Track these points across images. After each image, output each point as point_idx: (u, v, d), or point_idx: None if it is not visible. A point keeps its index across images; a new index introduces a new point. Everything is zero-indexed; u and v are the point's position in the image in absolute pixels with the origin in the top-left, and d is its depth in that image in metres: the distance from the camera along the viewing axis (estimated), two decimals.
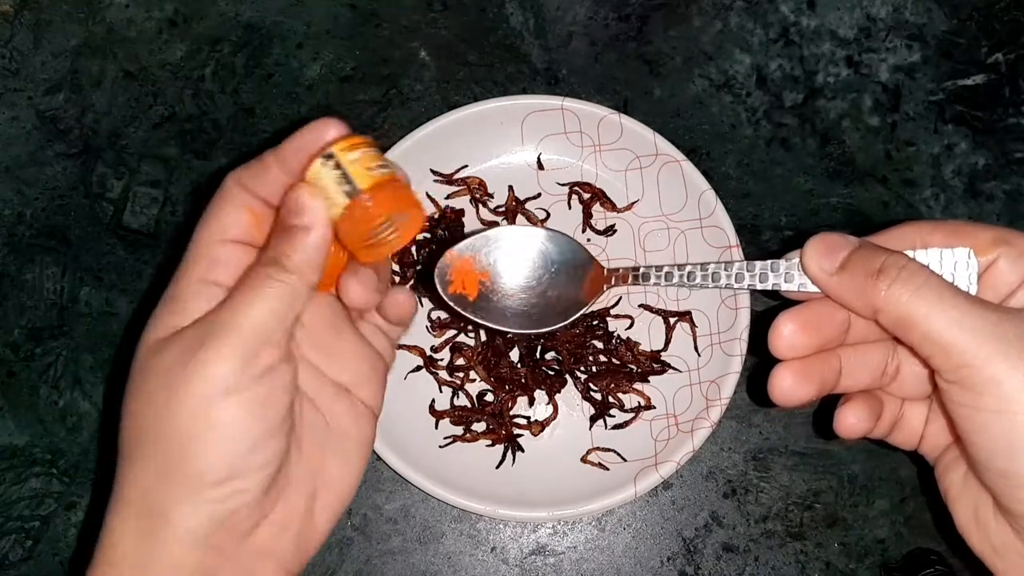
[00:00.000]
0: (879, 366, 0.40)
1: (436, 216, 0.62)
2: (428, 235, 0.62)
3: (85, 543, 0.60)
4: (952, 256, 0.37)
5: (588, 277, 0.47)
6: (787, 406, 0.38)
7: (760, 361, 0.61)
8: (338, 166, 0.34)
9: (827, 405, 0.41)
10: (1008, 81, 0.66)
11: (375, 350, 0.41)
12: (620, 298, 0.61)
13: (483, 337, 0.61)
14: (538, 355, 0.60)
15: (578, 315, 0.47)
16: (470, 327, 0.61)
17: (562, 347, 0.60)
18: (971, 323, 0.33)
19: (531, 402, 0.60)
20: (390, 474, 0.60)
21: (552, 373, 0.60)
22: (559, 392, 0.60)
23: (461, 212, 0.62)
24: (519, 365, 0.60)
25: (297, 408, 0.37)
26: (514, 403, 0.60)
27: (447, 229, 0.62)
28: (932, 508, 0.61)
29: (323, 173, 0.35)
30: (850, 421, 0.39)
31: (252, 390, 0.33)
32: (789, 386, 0.37)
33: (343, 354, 0.39)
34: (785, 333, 0.37)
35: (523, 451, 0.60)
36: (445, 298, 0.45)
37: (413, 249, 0.62)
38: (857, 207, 0.64)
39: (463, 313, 0.46)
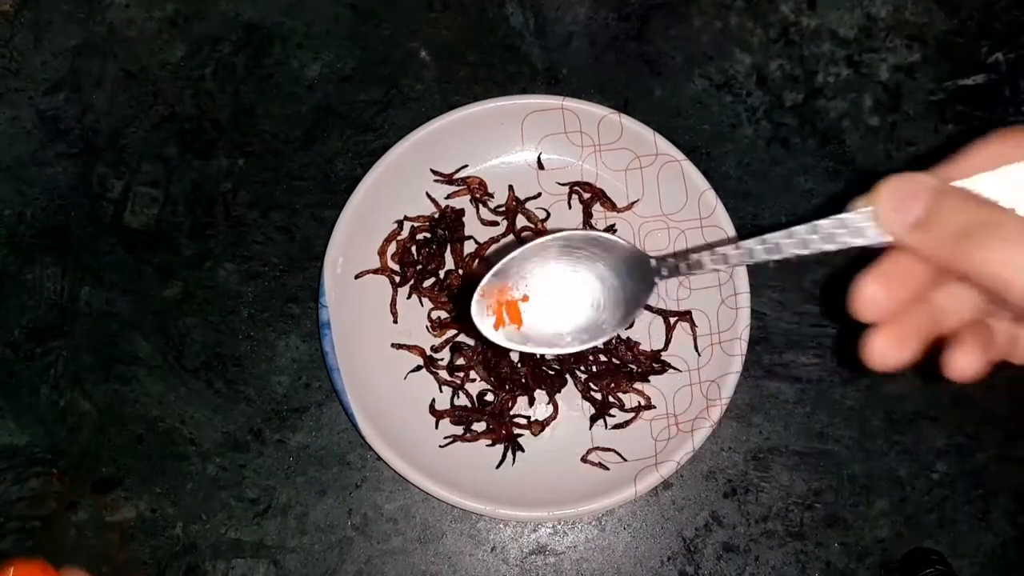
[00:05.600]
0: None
1: (436, 216, 0.62)
2: (428, 235, 0.62)
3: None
4: None
5: (635, 273, 0.42)
6: (890, 371, 0.33)
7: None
8: None
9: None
10: (1008, 81, 0.66)
11: None
12: None
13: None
14: (538, 355, 0.60)
15: (636, 312, 0.43)
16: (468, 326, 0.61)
17: None
18: None
19: (531, 402, 0.60)
20: (390, 474, 0.60)
21: (552, 373, 0.60)
22: (559, 392, 0.60)
23: (461, 212, 0.62)
24: (519, 365, 0.60)
25: None
26: (514, 403, 0.60)
27: (447, 229, 0.62)
28: (932, 508, 0.61)
29: None
30: (961, 366, 0.33)
31: None
32: (888, 353, 0.32)
33: None
34: (869, 295, 0.32)
35: (523, 451, 0.59)
36: (494, 339, 0.43)
37: (413, 249, 0.62)
38: None
39: (522, 349, 0.44)
